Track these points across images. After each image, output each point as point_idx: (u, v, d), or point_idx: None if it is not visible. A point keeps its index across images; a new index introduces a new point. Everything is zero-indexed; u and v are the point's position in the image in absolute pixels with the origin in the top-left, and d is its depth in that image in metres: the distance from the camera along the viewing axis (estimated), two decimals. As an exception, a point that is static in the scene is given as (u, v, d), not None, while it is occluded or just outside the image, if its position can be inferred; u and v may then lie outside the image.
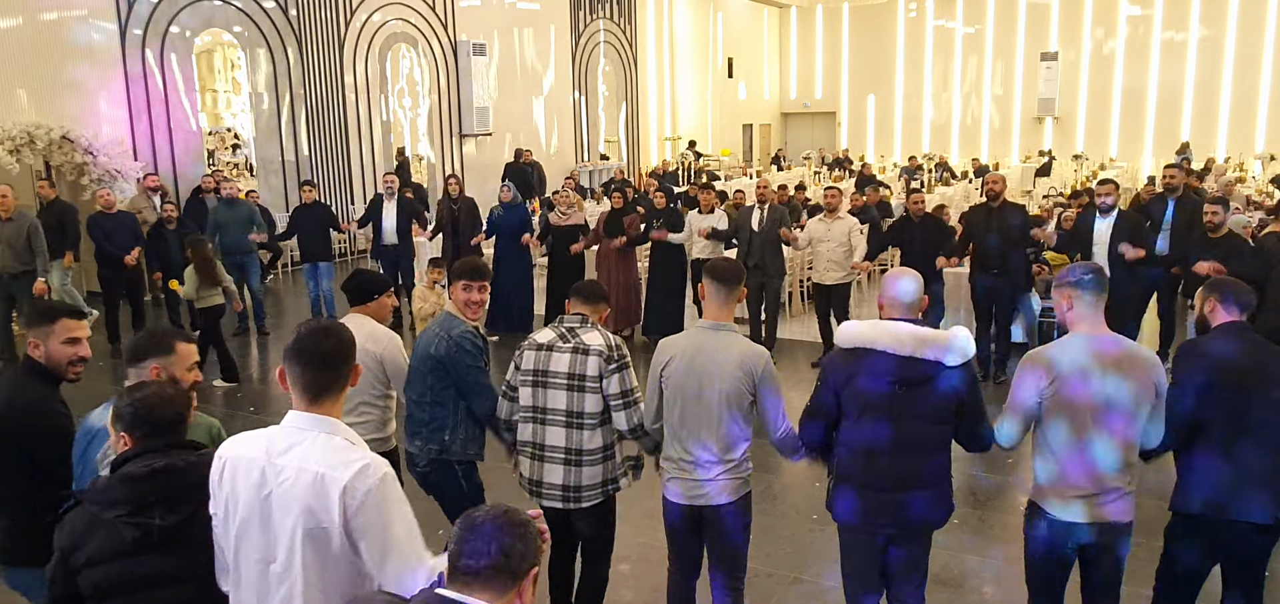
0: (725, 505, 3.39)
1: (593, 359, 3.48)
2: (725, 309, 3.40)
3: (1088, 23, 23.35)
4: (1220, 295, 3.39)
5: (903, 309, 3.18)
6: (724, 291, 3.39)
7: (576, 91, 19.64)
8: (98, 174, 10.72)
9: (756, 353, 3.35)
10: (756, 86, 27.04)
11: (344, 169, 14.57)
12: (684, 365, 3.36)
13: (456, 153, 16.68)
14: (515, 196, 9.63)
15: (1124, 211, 7.33)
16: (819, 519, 5.23)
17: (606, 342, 3.53)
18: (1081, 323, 3.14)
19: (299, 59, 13.74)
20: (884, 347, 3.09)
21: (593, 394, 3.49)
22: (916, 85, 26.00)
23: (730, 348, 3.33)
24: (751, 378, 3.31)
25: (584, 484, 3.55)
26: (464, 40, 16.27)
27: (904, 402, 3.10)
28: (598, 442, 3.54)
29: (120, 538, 2.21)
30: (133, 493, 2.23)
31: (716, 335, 3.37)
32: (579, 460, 3.54)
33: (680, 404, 3.38)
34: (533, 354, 3.59)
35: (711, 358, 3.32)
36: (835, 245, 8.05)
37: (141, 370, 2.77)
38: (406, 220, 9.85)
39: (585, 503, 3.57)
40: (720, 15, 24.73)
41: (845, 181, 18.63)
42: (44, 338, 3.07)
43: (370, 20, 14.77)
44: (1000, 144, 24.75)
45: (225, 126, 16.64)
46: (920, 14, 25.74)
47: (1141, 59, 22.82)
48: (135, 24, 11.73)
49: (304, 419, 2.21)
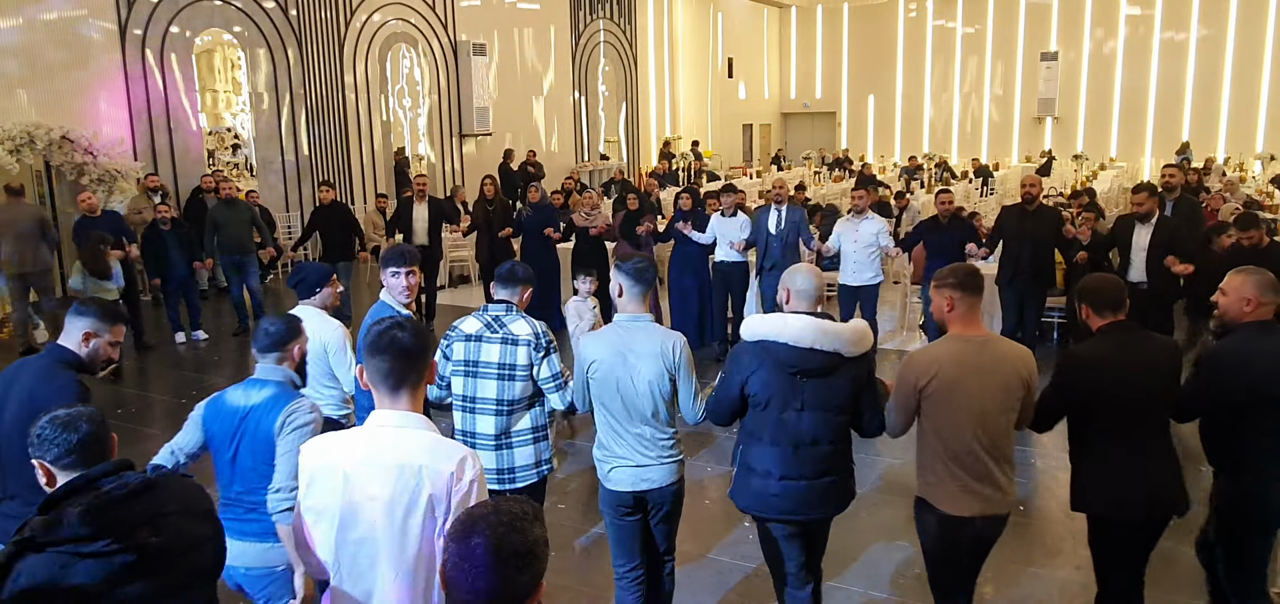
0: (659, 489, 3.52)
1: (522, 348, 3.62)
2: (641, 304, 3.53)
3: (1088, 23, 23.36)
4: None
5: (806, 301, 3.32)
6: (640, 289, 3.52)
7: (576, 91, 19.65)
8: (97, 174, 10.71)
9: (673, 339, 3.47)
10: (756, 87, 27.05)
11: (344, 169, 14.56)
12: (608, 359, 3.46)
13: (456, 153, 16.69)
14: (543, 196, 9.60)
15: (1164, 218, 6.95)
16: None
17: (533, 329, 3.66)
18: (958, 322, 3.29)
19: (299, 59, 13.74)
20: (786, 338, 3.22)
21: (522, 382, 3.64)
22: (916, 85, 26.00)
23: (649, 338, 3.44)
24: (671, 363, 3.43)
25: (517, 465, 3.71)
26: (464, 40, 16.28)
27: (805, 391, 3.24)
28: (526, 424, 3.70)
29: (107, 568, 2.02)
30: (119, 518, 2.06)
31: (635, 327, 3.48)
32: (510, 444, 3.69)
33: (609, 395, 3.47)
34: (462, 345, 3.68)
35: (633, 349, 3.43)
36: (862, 248, 7.91)
37: None
38: (436, 221, 9.81)
39: (520, 482, 3.71)
40: (720, 15, 24.74)
41: (845, 182, 18.65)
42: (100, 333, 3.25)
43: (370, 20, 14.77)
44: (1000, 144, 24.76)
45: (225, 127, 16.62)
46: (920, 14, 25.74)
47: (1141, 59, 22.82)
48: (135, 24, 11.73)
49: (394, 417, 2.26)
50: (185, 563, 2.20)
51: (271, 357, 3.14)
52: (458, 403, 3.72)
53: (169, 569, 2.15)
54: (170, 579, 2.16)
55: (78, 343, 3.24)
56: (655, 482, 3.50)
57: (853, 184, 15.46)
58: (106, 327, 3.26)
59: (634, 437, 3.47)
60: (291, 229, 13.63)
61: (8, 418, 3.11)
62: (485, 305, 3.79)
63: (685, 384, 3.47)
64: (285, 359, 3.15)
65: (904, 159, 23.05)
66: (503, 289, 3.77)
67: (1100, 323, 3.40)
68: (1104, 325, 3.38)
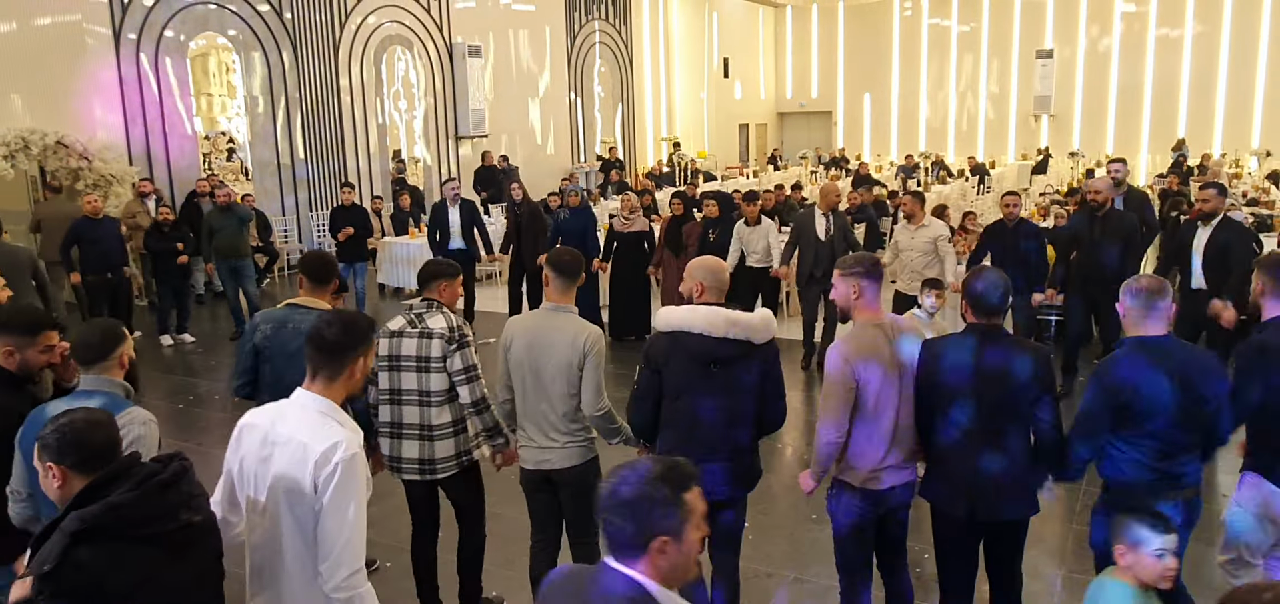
0: (569, 469, 3.71)
1: (436, 342, 3.78)
2: (565, 296, 3.72)
3: (1083, 20, 23.37)
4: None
5: (715, 294, 3.52)
6: (565, 281, 3.72)
7: (572, 92, 19.63)
8: (93, 179, 10.68)
9: (587, 331, 3.64)
10: (752, 86, 27.05)
11: (339, 172, 14.53)
12: (524, 343, 3.68)
13: (453, 155, 16.67)
14: (583, 199, 9.52)
15: (1226, 219, 6.45)
16: (817, 519, 5.22)
17: (448, 324, 3.81)
18: (866, 310, 3.45)
19: (294, 62, 13.71)
20: (698, 329, 3.40)
21: (438, 374, 3.79)
22: (912, 84, 26.01)
23: (565, 327, 3.64)
24: (580, 352, 3.59)
25: (438, 457, 3.85)
26: (459, 42, 16.25)
27: (718, 378, 3.43)
28: (447, 417, 3.84)
29: (153, 555, 2.13)
30: (166, 500, 2.18)
31: (555, 316, 3.69)
32: (431, 435, 3.84)
33: (522, 379, 3.69)
34: (387, 341, 3.86)
35: (548, 336, 3.64)
36: (919, 254, 7.69)
37: None
38: (469, 222, 9.75)
39: (441, 474, 3.88)
40: (715, 15, 24.73)
41: (842, 181, 18.64)
42: (21, 349, 3.13)
43: (365, 23, 14.74)
44: (996, 142, 24.78)
45: (220, 130, 16.61)
46: (916, 13, 25.75)
47: (1137, 55, 22.84)
48: (130, 28, 11.70)
49: (303, 396, 2.55)
50: (210, 545, 2.36)
51: (93, 368, 2.92)
52: (384, 397, 3.88)
53: (200, 549, 2.29)
54: (200, 562, 2.30)
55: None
56: (556, 463, 3.70)
57: (849, 183, 15.47)
58: (28, 340, 3.12)
59: (539, 418, 3.68)
60: (287, 231, 13.62)
61: None
62: (410, 302, 3.95)
63: (589, 376, 3.62)
64: (108, 369, 2.93)
65: (900, 158, 23.05)
66: (426, 287, 3.94)
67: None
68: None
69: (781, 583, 4.63)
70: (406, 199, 13.23)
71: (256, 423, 2.57)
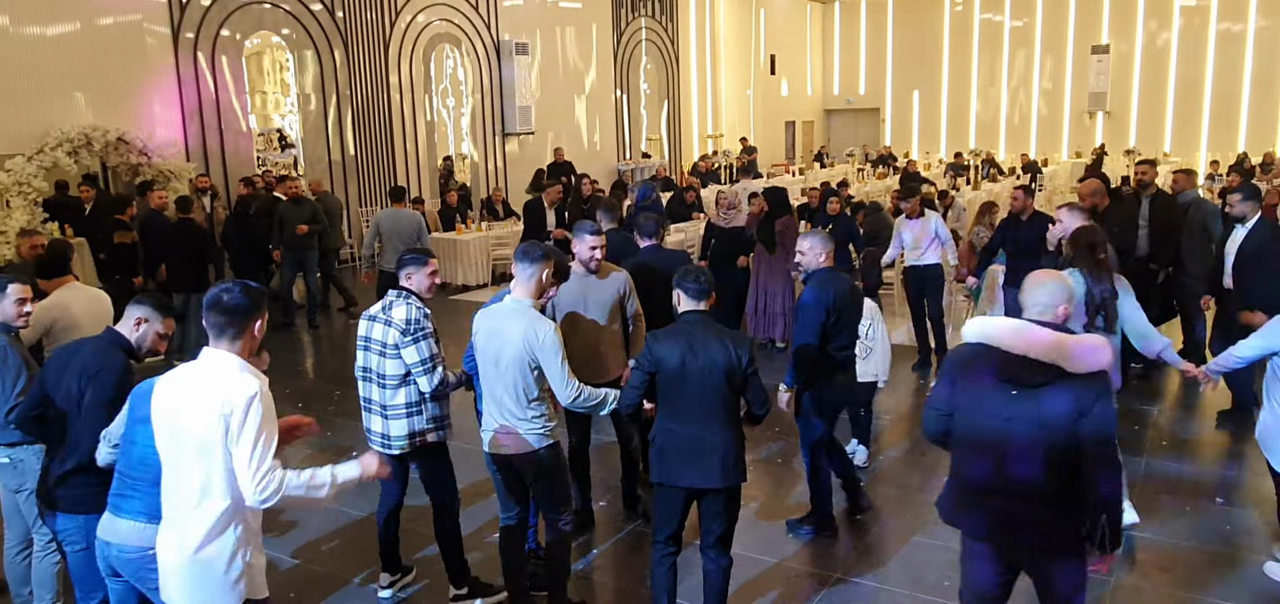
0: (528, 453, 3.89)
1: (393, 330, 4.03)
2: (527, 289, 3.88)
3: (1140, 14, 22.78)
4: None
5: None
6: (529, 274, 3.89)
7: (618, 90, 19.67)
8: (151, 175, 10.98)
9: (543, 327, 3.79)
10: (799, 83, 26.85)
11: (389, 168, 14.76)
12: (485, 335, 3.89)
13: (500, 152, 16.82)
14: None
15: (1262, 221, 6.22)
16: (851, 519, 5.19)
17: (408, 315, 4.02)
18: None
19: (345, 60, 13.95)
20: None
21: (393, 359, 4.05)
22: (963, 80, 25.59)
23: (521, 321, 3.80)
24: (531, 347, 3.77)
25: (392, 434, 4.13)
26: (506, 40, 16.39)
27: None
28: (400, 400, 4.09)
29: None
30: None
31: (516, 309, 3.86)
32: (386, 414, 4.13)
33: (485, 367, 3.91)
34: (365, 323, 4.18)
35: (505, 330, 3.83)
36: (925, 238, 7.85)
37: None
38: (563, 222, 9.86)
39: (396, 450, 4.13)
40: (763, 12, 24.58)
41: (889, 179, 18.43)
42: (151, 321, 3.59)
43: (414, 21, 14.94)
44: (1049, 139, 24.27)
45: (273, 127, 16.92)
46: (967, 7, 25.32)
47: (1197, 50, 22.20)
48: (188, 27, 12.00)
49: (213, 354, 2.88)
50: None
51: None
52: (360, 373, 4.21)
53: None
54: None
55: (130, 328, 3.52)
56: (508, 448, 3.89)
57: (897, 181, 15.28)
58: (159, 318, 3.56)
59: (496, 404, 3.90)
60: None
61: (65, 387, 3.45)
62: (390, 291, 4.17)
63: (551, 366, 3.79)
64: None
65: (950, 155, 22.72)
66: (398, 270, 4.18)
67: None
68: None
69: (815, 582, 4.60)
70: (454, 196, 13.37)
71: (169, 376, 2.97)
